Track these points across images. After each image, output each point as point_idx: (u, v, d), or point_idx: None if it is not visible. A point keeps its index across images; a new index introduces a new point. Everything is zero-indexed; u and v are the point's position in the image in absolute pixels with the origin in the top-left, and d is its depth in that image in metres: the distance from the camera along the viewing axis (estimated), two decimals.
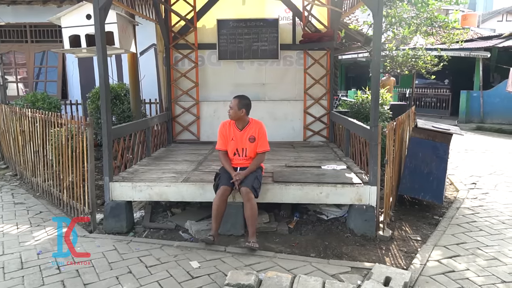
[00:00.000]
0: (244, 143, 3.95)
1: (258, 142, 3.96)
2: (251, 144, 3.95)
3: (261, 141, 3.96)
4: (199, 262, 3.34)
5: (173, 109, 6.72)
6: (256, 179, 3.80)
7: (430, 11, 7.69)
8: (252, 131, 3.96)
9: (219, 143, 4.04)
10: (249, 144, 3.95)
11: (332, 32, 6.25)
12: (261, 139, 3.96)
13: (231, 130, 3.99)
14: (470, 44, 14.23)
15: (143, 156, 5.40)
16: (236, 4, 6.60)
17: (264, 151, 3.98)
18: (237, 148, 3.97)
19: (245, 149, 3.96)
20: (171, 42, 6.56)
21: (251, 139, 3.94)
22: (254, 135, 3.95)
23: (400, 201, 4.96)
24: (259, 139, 3.95)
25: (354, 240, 3.90)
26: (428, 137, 4.73)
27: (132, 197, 4.17)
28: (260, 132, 3.96)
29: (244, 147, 3.95)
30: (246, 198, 3.67)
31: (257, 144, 3.96)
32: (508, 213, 4.65)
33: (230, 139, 3.97)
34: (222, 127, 4.04)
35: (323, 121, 6.77)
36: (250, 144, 3.95)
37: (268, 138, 4.08)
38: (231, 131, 3.98)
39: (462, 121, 13.87)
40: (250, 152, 3.96)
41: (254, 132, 3.95)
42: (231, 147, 3.99)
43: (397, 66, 8.43)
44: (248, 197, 3.66)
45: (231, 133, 3.98)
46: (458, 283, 3.05)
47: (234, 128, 3.99)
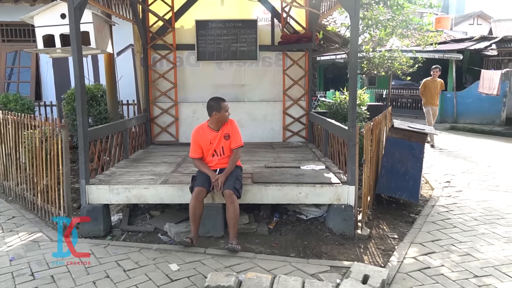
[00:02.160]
0: (220, 142, 3.95)
1: (232, 138, 3.96)
2: (226, 142, 3.96)
3: (234, 136, 3.97)
4: (178, 264, 3.31)
5: (152, 110, 6.64)
6: (237, 180, 3.80)
7: (405, 14, 7.85)
8: (226, 129, 3.97)
9: (194, 151, 3.98)
10: (224, 142, 3.96)
11: (310, 34, 6.31)
12: (234, 134, 3.97)
13: (206, 134, 3.95)
14: (444, 46, 14.62)
15: (121, 158, 5.32)
16: (215, 5, 6.57)
17: (238, 146, 3.98)
18: (215, 149, 3.96)
19: (222, 148, 3.96)
20: (149, 42, 6.48)
21: (226, 137, 3.95)
22: (228, 132, 3.96)
23: (377, 200, 5.05)
24: (233, 135, 3.96)
25: (333, 239, 3.94)
26: (404, 137, 4.84)
27: (109, 200, 4.09)
28: (233, 129, 3.98)
29: (221, 145, 3.96)
30: (230, 200, 3.66)
31: (231, 140, 3.96)
32: (480, 210, 4.80)
33: (207, 144, 3.94)
34: (196, 134, 3.97)
35: (302, 122, 6.82)
36: (225, 141, 3.96)
37: (247, 139, 4.11)
38: (207, 135, 3.94)
39: (437, 121, 14.12)
40: (227, 150, 3.98)
41: (228, 130, 3.97)
42: (210, 150, 3.96)
43: (374, 68, 8.57)
44: (232, 199, 3.66)
45: (207, 137, 3.93)
46: (434, 279, 3.13)
47: (210, 131, 3.96)
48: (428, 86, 9.14)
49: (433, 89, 9.08)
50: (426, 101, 9.26)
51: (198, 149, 3.97)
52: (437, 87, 9.10)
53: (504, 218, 4.52)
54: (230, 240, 3.62)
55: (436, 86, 9.08)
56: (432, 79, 9.10)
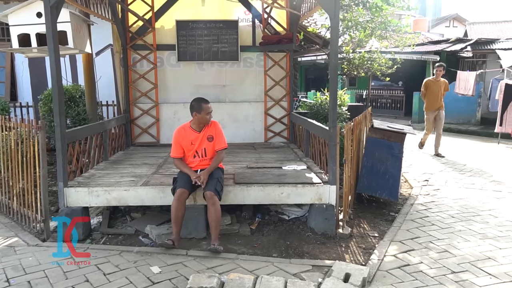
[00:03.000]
0: (202, 143, 3.94)
1: (216, 140, 3.96)
2: (210, 144, 3.95)
3: (218, 138, 3.98)
4: (160, 267, 3.27)
5: (132, 111, 6.55)
6: (218, 182, 3.79)
7: (384, 16, 7.99)
8: (209, 131, 3.97)
9: (175, 151, 3.97)
10: (207, 144, 3.95)
11: (291, 35, 6.35)
12: (218, 136, 3.98)
13: (188, 134, 3.94)
14: (421, 48, 14.94)
15: (100, 160, 5.22)
16: (195, 5, 6.54)
17: (222, 148, 3.99)
18: (197, 150, 3.94)
19: (204, 149, 3.95)
20: (129, 42, 6.40)
21: (209, 138, 3.94)
22: (212, 134, 3.96)
23: (358, 199, 5.12)
24: (216, 137, 3.97)
25: (315, 238, 3.98)
26: (383, 137, 4.91)
27: (88, 202, 4.01)
28: (217, 130, 3.99)
29: (203, 147, 3.94)
30: (211, 202, 3.64)
31: (215, 142, 3.96)
32: (457, 207, 4.92)
33: (189, 144, 3.93)
34: (178, 134, 3.96)
35: (284, 122, 6.85)
36: (208, 143, 3.95)
37: (229, 140, 4.11)
38: (189, 135, 3.94)
39: (415, 121, 14.52)
40: (210, 152, 3.96)
41: (211, 132, 3.97)
42: (191, 150, 3.95)
43: (354, 68, 8.69)
44: (213, 200, 3.64)
45: (189, 138, 3.93)
46: (413, 276, 3.19)
47: (191, 132, 3.95)
48: (429, 87, 8.00)
49: (436, 90, 7.92)
50: (427, 105, 8.12)
51: (179, 149, 3.95)
52: (440, 88, 7.94)
53: (479, 215, 4.64)
54: (212, 241, 3.60)
55: (439, 87, 7.93)
56: (434, 79, 8.04)
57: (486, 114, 13.18)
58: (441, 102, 7.99)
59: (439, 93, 7.93)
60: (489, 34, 19.19)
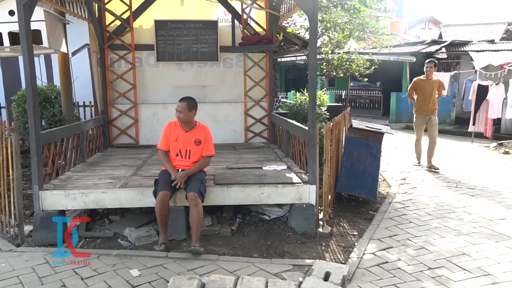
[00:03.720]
0: (189, 145, 3.90)
1: (204, 146, 3.94)
2: (196, 147, 3.92)
3: (207, 144, 3.96)
4: (139, 270, 3.23)
5: (110, 112, 6.44)
6: (201, 184, 3.77)
7: (362, 17, 8.11)
8: (198, 134, 3.94)
9: (162, 142, 3.97)
10: (193, 147, 3.91)
11: (270, 35, 6.37)
12: (207, 142, 3.96)
13: (176, 130, 3.93)
14: (398, 49, 15.25)
15: (77, 162, 5.11)
16: (174, 5, 6.49)
17: (209, 155, 3.98)
18: (180, 149, 3.91)
19: (188, 151, 3.91)
20: (106, 42, 6.29)
21: (197, 142, 3.91)
22: (200, 139, 3.93)
23: (338, 199, 5.18)
24: (205, 143, 3.94)
25: (295, 238, 4.00)
26: (362, 136, 4.99)
27: (65, 206, 3.92)
28: (206, 136, 3.96)
29: (188, 149, 3.91)
30: (194, 203, 3.61)
31: (203, 148, 3.94)
32: (433, 205, 5.04)
33: (173, 140, 3.90)
34: (168, 127, 3.97)
35: (264, 123, 6.87)
36: (195, 146, 3.91)
37: None
38: (177, 131, 3.92)
39: (393, 121, 14.81)
40: (194, 155, 3.92)
41: (200, 136, 3.93)
42: (174, 148, 3.92)
43: (333, 69, 8.77)
44: (196, 202, 3.62)
45: (175, 134, 3.91)
46: (391, 273, 3.25)
47: (180, 129, 3.93)
48: (420, 87, 6.89)
49: (427, 91, 6.80)
50: (417, 108, 7.00)
51: (166, 141, 3.94)
52: (433, 88, 6.82)
53: (454, 212, 4.77)
54: (193, 243, 3.57)
55: (432, 86, 6.82)
56: (426, 77, 6.91)
57: (460, 114, 13.56)
58: (434, 105, 6.87)
59: (431, 94, 6.78)
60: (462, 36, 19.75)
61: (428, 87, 6.82)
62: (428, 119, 6.92)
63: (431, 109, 6.88)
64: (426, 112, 6.89)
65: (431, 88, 6.82)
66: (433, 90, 6.82)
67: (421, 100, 6.91)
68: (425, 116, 6.93)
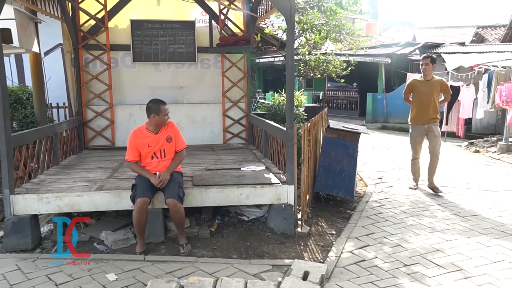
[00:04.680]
0: (161, 144, 3.87)
1: (176, 141, 3.94)
2: (169, 144, 3.90)
3: (178, 139, 3.97)
4: (116, 274, 3.17)
5: (84, 114, 6.30)
6: (179, 188, 3.76)
7: (338, 19, 8.23)
8: (168, 132, 3.91)
9: (131, 154, 3.85)
10: (167, 145, 3.89)
11: (248, 36, 6.37)
12: (177, 136, 3.96)
13: (144, 137, 3.85)
14: (374, 50, 15.55)
15: (51, 165, 4.98)
16: (151, 5, 6.41)
17: (184, 147, 4.00)
18: (155, 151, 3.86)
19: (163, 150, 3.88)
20: (80, 42, 6.15)
21: (168, 139, 3.90)
22: (171, 135, 3.91)
23: (316, 198, 5.22)
24: (176, 138, 3.94)
25: (274, 238, 4.01)
26: (339, 136, 5.06)
27: (38, 210, 3.81)
28: (175, 131, 3.96)
29: (162, 148, 3.88)
30: (175, 209, 3.63)
31: (175, 143, 3.94)
32: (408, 203, 5.16)
33: (145, 147, 3.84)
34: (134, 137, 3.85)
35: (242, 124, 6.87)
36: (168, 144, 3.89)
37: (187, 142, 4.09)
38: (145, 137, 3.85)
39: (369, 121, 15.08)
40: (169, 152, 3.91)
41: (170, 132, 3.92)
42: (148, 152, 3.86)
43: (310, 70, 8.85)
44: (177, 208, 3.63)
45: (145, 141, 3.84)
46: (368, 270, 3.31)
47: (148, 134, 3.87)
48: (415, 89, 5.53)
49: (425, 94, 5.40)
50: (413, 115, 5.58)
51: (135, 152, 3.85)
52: (433, 90, 5.39)
53: (428, 209, 4.89)
54: (182, 241, 3.69)
55: (431, 88, 5.40)
56: (424, 77, 5.51)
57: None
58: (435, 112, 5.43)
59: (430, 98, 5.38)
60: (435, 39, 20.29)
61: (426, 90, 5.40)
62: (428, 129, 5.49)
63: (430, 118, 5.42)
64: (424, 120, 5.44)
65: (430, 91, 5.38)
66: (432, 93, 5.38)
67: (417, 106, 5.49)
68: (423, 126, 5.48)
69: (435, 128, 5.51)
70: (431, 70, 5.45)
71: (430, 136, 5.56)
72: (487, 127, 11.51)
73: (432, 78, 5.47)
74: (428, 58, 5.46)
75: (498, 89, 8.57)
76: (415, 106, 5.55)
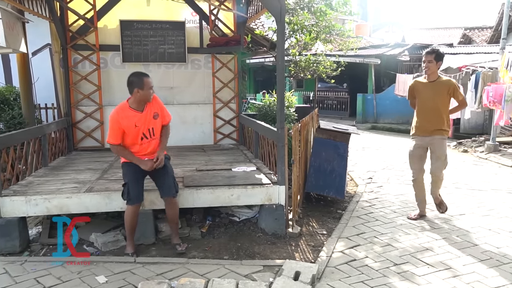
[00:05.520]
0: (149, 123, 3.60)
1: (161, 116, 3.72)
2: (156, 121, 3.66)
3: (164, 112, 3.76)
4: (106, 276, 3.14)
5: (73, 115, 6.23)
6: (174, 180, 3.72)
7: (328, 20, 8.28)
8: (153, 108, 3.65)
9: (115, 136, 3.50)
10: (154, 122, 3.63)
11: (238, 37, 6.37)
12: (163, 111, 3.76)
13: (129, 116, 3.51)
14: (364, 51, 15.67)
15: (39, 167, 4.91)
16: (140, 5, 6.37)
17: (169, 120, 3.83)
18: (144, 132, 3.59)
19: (152, 129, 3.64)
20: (69, 42, 6.08)
21: (155, 116, 3.65)
22: (157, 111, 3.66)
23: (307, 198, 5.24)
24: (161, 112, 3.73)
25: (266, 239, 4.02)
26: (329, 137, 5.08)
27: (26, 212, 3.76)
28: (160, 105, 3.73)
29: (150, 127, 3.62)
30: (172, 206, 3.65)
31: (162, 118, 3.73)
32: (398, 203, 5.20)
33: (133, 127, 3.52)
34: (117, 117, 3.49)
35: (233, 124, 6.86)
36: (155, 121, 3.64)
37: (178, 142, 4.09)
38: (130, 117, 3.51)
39: (359, 121, 15.18)
40: (157, 130, 3.70)
41: (155, 108, 3.66)
42: (135, 133, 3.56)
43: (300, 71, 8.89)
44: (175, 205, 3.68)
45: (131, 121, 3.51)
46: (359, 270, 3.33)
47: (133, 113, 3.53)
48: (418, 93, 4.42)
49: (427, 98, 4.31)
50: (413, 125, 4.51)
51: (119, 133, 3.51)
52: (436, 94, 4.26)
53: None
54: (177, 240, 3.70)
55: (434, 92, 4.27)
56: (427, 79, 4.36)
57: None
58: (440, 123, 4.28)
59: (434, 104, 4.27)
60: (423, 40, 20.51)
61: (428, 94, 4.29)
62: (429, 143, 4.35)
63: (433, 129, 4.30)
64: (424, 132, 4.34)
65: (433, 95, 4.26)
66: (436, 98, 4.26)
67: (418, 113, 4.44)
68: (424, 139, 4.36)
69: (438, 144, 4.30)
70: (436, 69, 4.28)
71: (431, 152, 4.40)
72: (475, 127, 11.67)
73: (437, 78, 4.31)
74: (432, 53, 4.22)
75: (485, 90, 8.70)
76: (416, 114, 4.45)
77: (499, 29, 11.23)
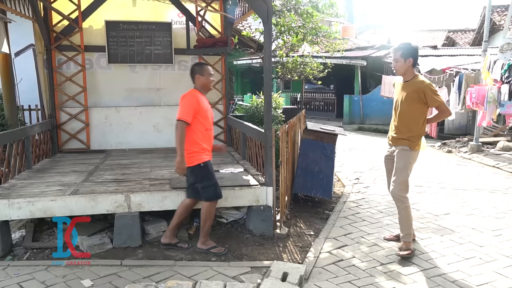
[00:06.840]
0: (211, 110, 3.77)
1: None
2: None
3: None
4: (92, 280, 3.10)
5: (58, 116, 6.14)
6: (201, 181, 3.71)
7: (315, 22, 8.34)
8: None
9: (189, 114, 3.35)
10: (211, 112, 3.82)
11: (225, 38, 6.36)
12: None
13: (205, 100, 3.57)
14: (350, 53, 15.81)
15: (22, 169, 4.82)
16: (126, 6, 6.32)
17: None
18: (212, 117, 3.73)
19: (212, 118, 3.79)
20: (53, 43, 5.99)
21: None
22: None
23: (294, 199, 5.26)
24: None
25: (253, 240, 4.01)
26: (317, 138, 5.11)
27: (8, 216, 3.68)
28: None
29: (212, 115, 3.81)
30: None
31: None
32: (384, 203, 5.26)
33: (208, 110, 3.60)
34: (197, 96, 3.46)
35: (220, 126, 6.84)
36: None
37: (165, 144, 4.03)
38: (206, 103, 3.60)
39: (346, 122, 15.31)
40: None
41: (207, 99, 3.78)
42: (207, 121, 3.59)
43: (287, 72, 8.94)
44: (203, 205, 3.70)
45: (207, 106, 3.60)
46: (346, 270, 3.35)
47: (205, 98, 3.63)
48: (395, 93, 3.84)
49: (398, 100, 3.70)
50: None
51: (193, 112, 3.42)
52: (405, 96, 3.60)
53: None
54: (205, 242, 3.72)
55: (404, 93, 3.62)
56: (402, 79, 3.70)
57: None
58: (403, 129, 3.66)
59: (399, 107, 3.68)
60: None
61: (399, 96, 3.69)
62: (393, 154, 3.77)
63: (396, 137, 3.72)
64: (390, 140, 3.83)
65: (403, 97, 3.63)
66: (404, 101, 3.62)
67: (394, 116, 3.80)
68: (390, 148, 3.85)
69: (398, 155, 3.67)
70: (406, 67, 3.59)
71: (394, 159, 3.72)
72: (459, 128, 11.88)
73: (411, 78, 3.61)
74: (398, 50, 3.60)
75: (468, 91, 8.85)
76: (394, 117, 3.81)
77: (481, 32, 11.46)
